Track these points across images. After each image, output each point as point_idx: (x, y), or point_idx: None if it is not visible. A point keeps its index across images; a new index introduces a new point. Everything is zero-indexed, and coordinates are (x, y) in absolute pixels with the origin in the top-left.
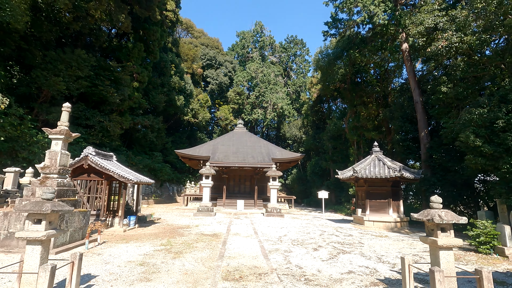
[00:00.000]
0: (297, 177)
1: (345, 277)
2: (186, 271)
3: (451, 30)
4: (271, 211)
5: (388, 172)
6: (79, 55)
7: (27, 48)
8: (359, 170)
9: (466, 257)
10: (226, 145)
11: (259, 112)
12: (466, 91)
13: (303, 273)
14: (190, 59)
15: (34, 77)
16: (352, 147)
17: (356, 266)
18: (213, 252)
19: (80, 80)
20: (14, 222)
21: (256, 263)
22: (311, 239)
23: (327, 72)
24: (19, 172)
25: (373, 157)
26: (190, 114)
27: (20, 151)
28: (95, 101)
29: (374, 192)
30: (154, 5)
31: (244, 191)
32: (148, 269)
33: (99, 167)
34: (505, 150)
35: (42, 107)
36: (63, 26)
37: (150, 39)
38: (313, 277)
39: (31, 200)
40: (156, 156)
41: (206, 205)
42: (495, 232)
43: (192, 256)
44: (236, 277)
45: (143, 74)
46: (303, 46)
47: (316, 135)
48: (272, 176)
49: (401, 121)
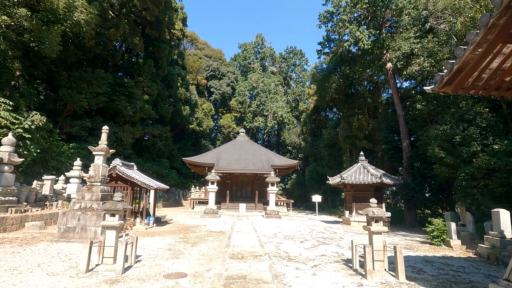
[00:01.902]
0: (296, 182)
1: (318, 258)
2: (203, 253)
3: (423, 56)
4: (270, 213)
5: (371, 178)
6: (98, 74)
7: (56, 70)
8: (346, 177)
9: (420, 247)
10: (229, 153)
11: (260, 120)
12: (437, 109)
13: (287, 255)
14: (195, 70)
15: (61, 95)
16: (345, 154)
17: (329, 252)
18: (221, 243)
19: (99, 96)
20: (70, 219)
21: (254, 250)
22: (301, 235)
23: (322, 85)
24: (54, 180)
25: (359, 165)
26: (195, 122)
27: (50, 160)
28: (111, 113)
29: (359, 196)
30: (163, 26)
31: (246, 195)
32: (175, 252)
33: (125, 176)
34: (462, 161)
35: (66, 120)
36: (86, 50)
37: (159, 56)
38: (294, 258)
39: (82, 203)
40: (163, 163)
41: (212, 208)
42: (445, 228)
43: (205, 245)
44: (238, 257)
45: (152, 88)
46: (302, 56)
47: (313, 142)
48: (271, 182)
49: (386, 132)
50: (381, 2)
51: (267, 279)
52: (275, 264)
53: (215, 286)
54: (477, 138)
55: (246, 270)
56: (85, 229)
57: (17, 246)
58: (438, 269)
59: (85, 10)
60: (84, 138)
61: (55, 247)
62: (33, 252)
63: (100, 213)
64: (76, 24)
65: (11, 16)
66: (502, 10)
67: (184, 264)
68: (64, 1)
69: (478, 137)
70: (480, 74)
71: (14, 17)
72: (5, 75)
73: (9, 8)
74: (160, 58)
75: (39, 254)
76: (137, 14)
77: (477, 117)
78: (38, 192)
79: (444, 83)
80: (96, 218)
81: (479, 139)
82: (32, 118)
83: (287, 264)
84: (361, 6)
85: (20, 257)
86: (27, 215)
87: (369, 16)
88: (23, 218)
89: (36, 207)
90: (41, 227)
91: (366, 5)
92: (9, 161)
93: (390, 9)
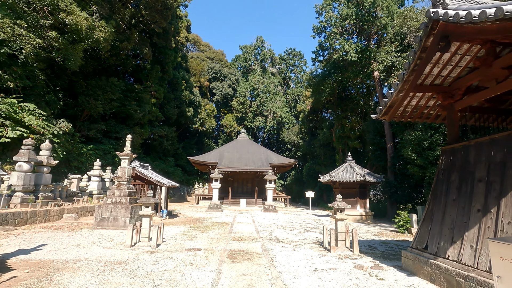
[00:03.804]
0: (295, 179)
1: (300, 240)
2: (211, 237)
3: (403, 69)
4: (267, 207)
5: (356, 177)
6: (112, 82)
7: (75, 80)
8: (334, 176)
9: (387, 234)
10: (231, 152)
11: (260, 120)
12: None
13: (277, 238)
14: (198, 73)
15: (80, 102)
16: (338, 154)
17: (311, 237)
18: (224, 230)
19: (113, 102)
20: (104, 211)
21: (251, 235)
22: (292, 225)
23: (317, 89)
24: (79, 178)
25: (346, 165)
26: (198, 123)
27: (72, 161)
28: (122, 117)
29: (346, 192)
30: (170, 35)
31: (246, 191)
32: (189, 236)
33: (143, 175)
34: (429, 162)
35: (84, 124)
36: (101, 61)
37: (165, 61)
38: (282, 240)
39: (113, 198)
40: (169, 161)
41: (216, 203)
42: (408, 219)
43: (212, 232)
44: (239, 239)
45: (159, 91)
46: (300, 57)
47: (310, 141)
48: (268, 180)
49: (373, 134)
50: (367, 18)
51: (259, 252)
52: (266, 244)
53: (222, 255)
54: (440, 144)
55: (244, 247)
56: (116, 219)
57: (67, 231)
58: (388, 248)
59: (103, 29)
60: (99, 140)
61: (96, 232)
62: (82, 235)
63: (128, 206)
64: (96, 41)
65: (43, 38)
66: (409, 72)
67: (198, 243)
68: (87, 23)
69: (441, 142)
70: (405, 108)
71: (45, 39)
72: (36, 88)
73: (40, 30)
74: (166, 64)
75: (88, 236)
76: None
77: (442, 125)
78: (68, 189)
79: (382, 113)
80: (125, 210)
81: (443, 144)
82: (60, 125)
83: (275, 244)
84: (349, 22)
85: (75, 238)
86: (63, 208)
87: (357, 30)
88: (61, 211)
89: (67, 202)
90: (75, 218)
91: (354, 20)
92: (47, 163)
93: (375, 25)
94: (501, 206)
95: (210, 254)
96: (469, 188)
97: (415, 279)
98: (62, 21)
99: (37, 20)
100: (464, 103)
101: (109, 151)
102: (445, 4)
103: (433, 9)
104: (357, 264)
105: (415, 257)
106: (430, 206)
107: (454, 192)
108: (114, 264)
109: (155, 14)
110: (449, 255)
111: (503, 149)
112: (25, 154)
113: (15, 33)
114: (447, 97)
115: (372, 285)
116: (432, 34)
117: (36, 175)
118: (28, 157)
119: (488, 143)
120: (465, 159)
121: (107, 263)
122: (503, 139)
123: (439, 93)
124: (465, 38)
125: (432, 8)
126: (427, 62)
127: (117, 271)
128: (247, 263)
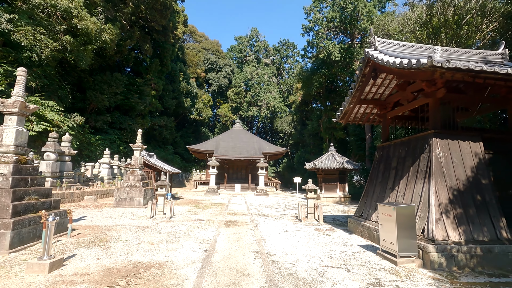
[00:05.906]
0: (287, 166)
1: (281, 215)
2: (210, 213)
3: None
4: (259, 191)
5: (336, 164)
6: (116, 77)
7: (84, 76)
8: (318, 163)
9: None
10: (226, 141)
11: (254, 110)
12: None
13: (263, 214)
14: (194, 64)
15: (88, 96)
16: (325, 143)
17: (291, 213)
18: (221, 208)
19: (117, 96)
20: (122, 193)
21: (243, 212)
22: (278, 205)
23: (307, 83)
24: (93, 166)
25: (329, 153)
26: (195, 112)
27: (83, 150)
28: (125, 109)
29: (327, 177)
30: (169, 32)
31: (241, 177)
32: (193, 212)
33: (150, 163)
34: None
35: (91, 116)
36: (106, 58)
37: (164, 55)
38: (267, 215)
39: (128, 182)
40: (168, 149)
41: (213, 188)
42: None
43: (211, 210)
44: (232, 214)
45: (159, 84)
46: (294, 48)
47: (301, 130)
48: (260, 167)
49: (355, 126)
50: (350, 21)
51: (247, 222)
52: (253, 217)
53: (220, 223)
54: None
55: (237, 219)
56: (132, 199)
57: (94, 209)
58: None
59: (110, 31)
60: (105, 130)
61: (118, 209)
62: (108, 212)
63: (141, 189)
64: (104, 42)
65: (58, 41)
66: (355, 90)
67: (201, 216)
68: (96, 27)
69: None
70: (355, 115)
71: (61, 42)
72: (51, 85)
73: (56, 34)
74: (165, 57)
75: (113, 212)
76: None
77: None
78: (84, 175)
79: (340, 118)
80: (139, 192)
81: None
82: (74, 118)
83: (261, 217)
84: (334, 24)
85: (104, 213)
86: (84, 191)
87: (341, 31)
88: (82, 193)
89: (85, 186)
90: (94, 199)
91: (338, 23)
92: (68, 153)
93: (357, 27)
94: (400, 185)
95: (211, 223)
96: (387, 173)
97: (352, 236)
98: (75, 26)
99: (53, 25)
100: (393, 113)
101: (114, 141)
102: (375, 47)
103: (368, 49)
104: (317, 228)
105: (355, 221)
106: (367, 187)
107: (380, 177)
108: (143, 227)
109: (155, 14)
110: (372, 218)
111: (405, 148)
112: (51, 145)
113: (36, 38)
114: (382, 108)
115: (321, 238)
116: (368, 66)
117: (60, 163)
118: (54, 148)
119: (399, 143)
120: (387, 154)
121: (138, 227)
122: (406, 141)
123: (377, 105)
124: (386, 72)
125: (367, 48)
126: (366, 84)
127: (147, 231)
128: (238, 228)
